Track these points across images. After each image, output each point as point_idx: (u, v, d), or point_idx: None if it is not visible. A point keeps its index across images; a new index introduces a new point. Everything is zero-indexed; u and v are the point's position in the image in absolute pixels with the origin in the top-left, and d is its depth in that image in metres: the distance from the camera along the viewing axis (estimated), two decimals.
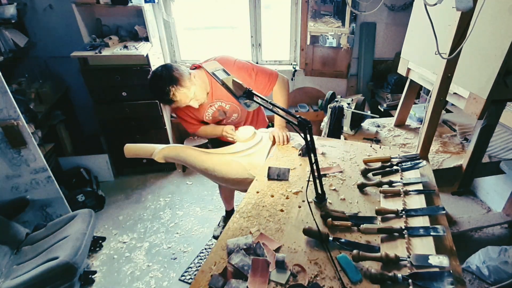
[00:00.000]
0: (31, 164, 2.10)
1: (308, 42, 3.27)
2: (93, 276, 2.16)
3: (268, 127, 2.12)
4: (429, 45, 1.79)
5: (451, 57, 1.21)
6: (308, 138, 1.17)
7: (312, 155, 1.18)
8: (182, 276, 2.18)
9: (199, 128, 1.87)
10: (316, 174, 1.22)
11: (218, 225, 2.55)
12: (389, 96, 3.23)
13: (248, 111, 1.95)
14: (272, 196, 1.36)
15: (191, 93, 1.55)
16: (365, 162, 1.56)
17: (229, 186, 2.03)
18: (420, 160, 1.49)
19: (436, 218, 1.19)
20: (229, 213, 2.55)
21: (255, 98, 1.24)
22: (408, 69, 2.11)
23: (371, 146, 1.74)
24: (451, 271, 0.92)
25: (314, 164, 1.19)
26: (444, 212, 1.18)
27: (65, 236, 1.90)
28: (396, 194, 1.29)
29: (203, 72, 1.64)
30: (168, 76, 1.47)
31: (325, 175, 1.48)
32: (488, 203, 2.74)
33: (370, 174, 1.47)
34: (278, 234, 1.16)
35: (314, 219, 1.16)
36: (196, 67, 1.68)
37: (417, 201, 1.24)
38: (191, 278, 2.15)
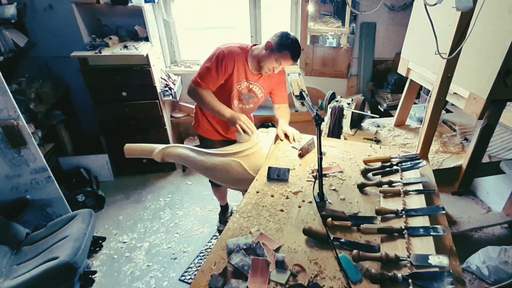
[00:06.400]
0: (31, 164, 2.10)
1: (308, 42, 3.27)
2: (93, 276, 2.15)
3: (267, 126, 2.13)
4: (429, 45, 1.79)
5: (451, 57, 1.21)
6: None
7: (318, 152, 1.21)
8: (182, 276, 2.18)
9: (207, 91, 1.72)
10: (320, 172, 1.23)
11: (220, 222, 2.59)
12: (389, 96, 3.23)
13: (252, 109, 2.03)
14: (272, 196, 1.36)
15: None
16: (365, 162, 1.56)
17: (229, 186, 2.02)
18: (420, 160, 1.49)
19: (436, 218, 1.19)
20: (224, 208, 2.59)
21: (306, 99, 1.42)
22: (408, 69, 2.10)
23: (371, 146, 1.74)
24: (451, 271, 0.92)
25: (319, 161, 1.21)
26: (444, 212, 1.17)
27: (65, 236, 1.90)
28: (396, 194, 1.29)
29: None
30: None
31: (325, 175, 1.48)
32: (488, 203, 2.74)
33: (370, 174, 1.47)
34: (278, 234, 1.16)
35: (315, 219, 1.16)
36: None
37: (417, 201, 1.24)
38: (191, 278, 2.15)
